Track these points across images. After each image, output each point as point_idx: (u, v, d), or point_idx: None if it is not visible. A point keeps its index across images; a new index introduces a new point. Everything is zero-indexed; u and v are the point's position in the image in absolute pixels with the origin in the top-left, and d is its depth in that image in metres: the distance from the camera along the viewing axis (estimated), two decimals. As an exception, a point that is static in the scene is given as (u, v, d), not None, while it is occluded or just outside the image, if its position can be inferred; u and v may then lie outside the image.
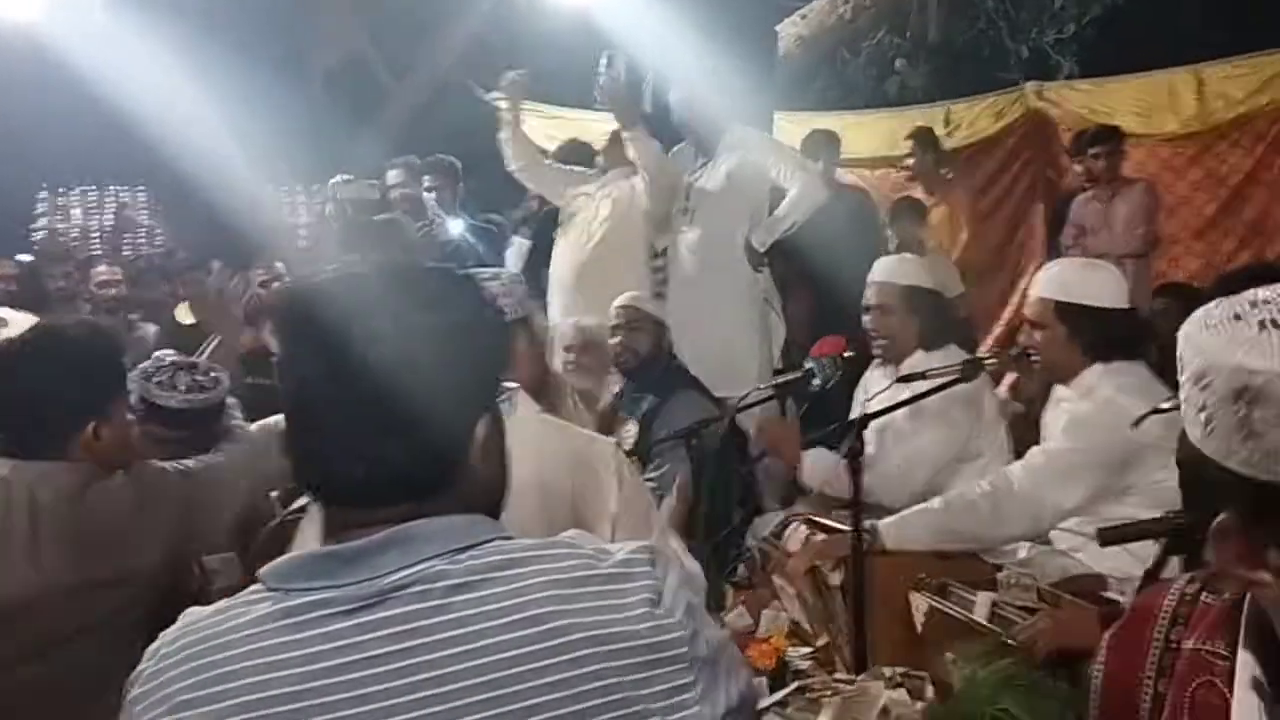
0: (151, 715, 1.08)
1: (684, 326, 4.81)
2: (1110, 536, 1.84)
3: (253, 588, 1.13)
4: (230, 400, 3.01)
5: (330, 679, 1.05)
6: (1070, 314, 2.80)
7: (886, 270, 3.59)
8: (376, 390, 1.10)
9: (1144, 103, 6.55)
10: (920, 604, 2.62)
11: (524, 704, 1.04)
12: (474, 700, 1.04)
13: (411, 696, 1.04)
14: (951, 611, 2.50)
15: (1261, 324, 0.92)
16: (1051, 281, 2.89)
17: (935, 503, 2.80)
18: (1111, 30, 8.36)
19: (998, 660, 1.73)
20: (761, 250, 4.79)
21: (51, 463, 2.21)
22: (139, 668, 1.13)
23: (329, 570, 1.09)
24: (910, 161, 6.40)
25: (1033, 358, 2.88)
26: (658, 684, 1.07)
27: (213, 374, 2.97)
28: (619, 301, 4.28)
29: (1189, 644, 1.09)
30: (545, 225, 5.75)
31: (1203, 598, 1.11)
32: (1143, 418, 2.09)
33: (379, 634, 1.06)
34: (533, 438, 2.29)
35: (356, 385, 1.10)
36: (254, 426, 3.05)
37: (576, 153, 5.86)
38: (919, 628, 2.59)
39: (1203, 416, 0.93)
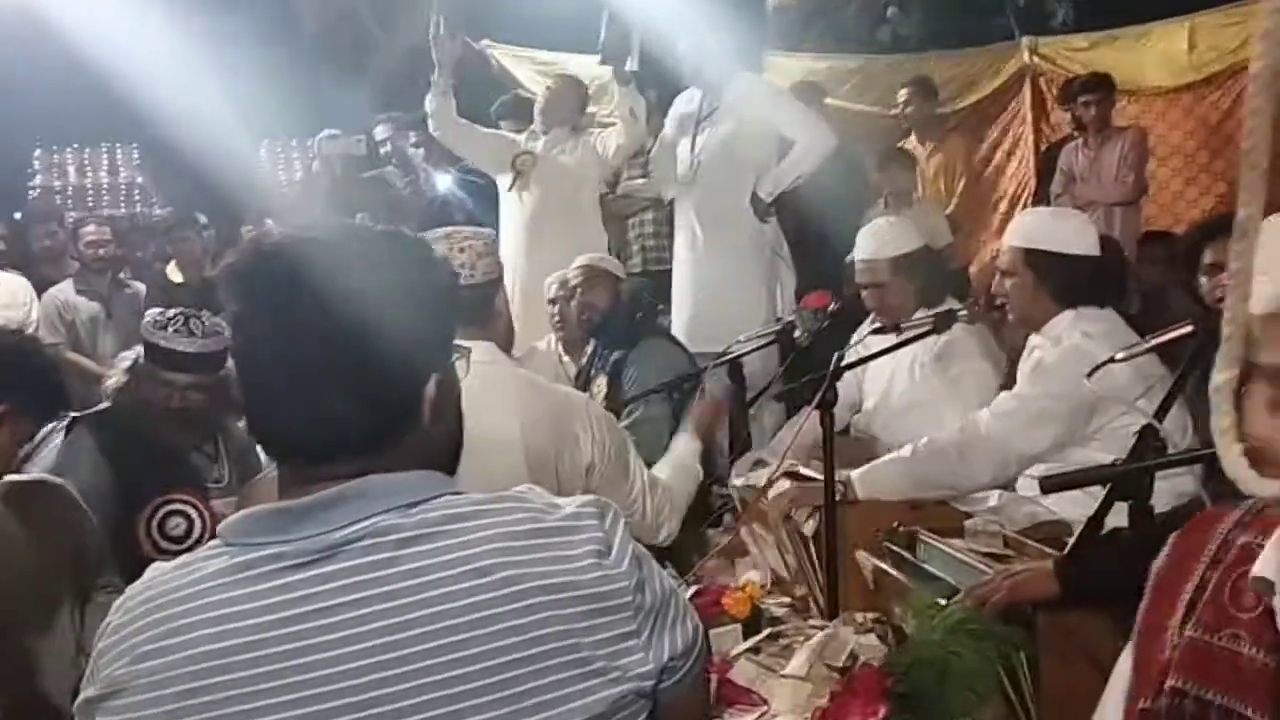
0: (116, 666, 1.11)
1: (687, 275, 4.85)
2: (1051, 485, 1.86)
3: (212, 543, 1.17)
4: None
5: (282, 630, 1.08)
6: (1039, 261, 2.82)
7: (872, 245, 3.55)
8: (323, 350, 1.12)
9: (1138, 60, 6.51)
10: (866, 563, 2.65)
11: (473, 651, 1.07)
12: (424, 648, 1.07)
13: (362, 646, 1.07)
14: (897, 567, 2.52)
15: None
16: (1021, 230, 2.91)
17: (905, 451, 2.82)
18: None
19: (950, 606, 1.76)
20: (768, 200, 4.79)
21: None
22: (106, 620, 1.16)
23: (281, 525, 1.12)
24: (908, 110, 6.35)
25: (1005, 306, 2.89)
26: (603, 631, 1.11)
27: (217, 320, 3.08)
28: (576, 263, 4.28)
29: (1242, 539, 1.13)
30: None
31: (1267, 510, 1.15)
32: (1096, 368, 2.11)
33: (330, 586, 1.09)
34: (511, 393, 2.36)
35: (303, 346, 1.12)
36: None
37: (516, 109, 5.86)
38: (870, 585, 2.62)
39: None
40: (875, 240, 3.56)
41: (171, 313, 3.11)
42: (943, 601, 1.77)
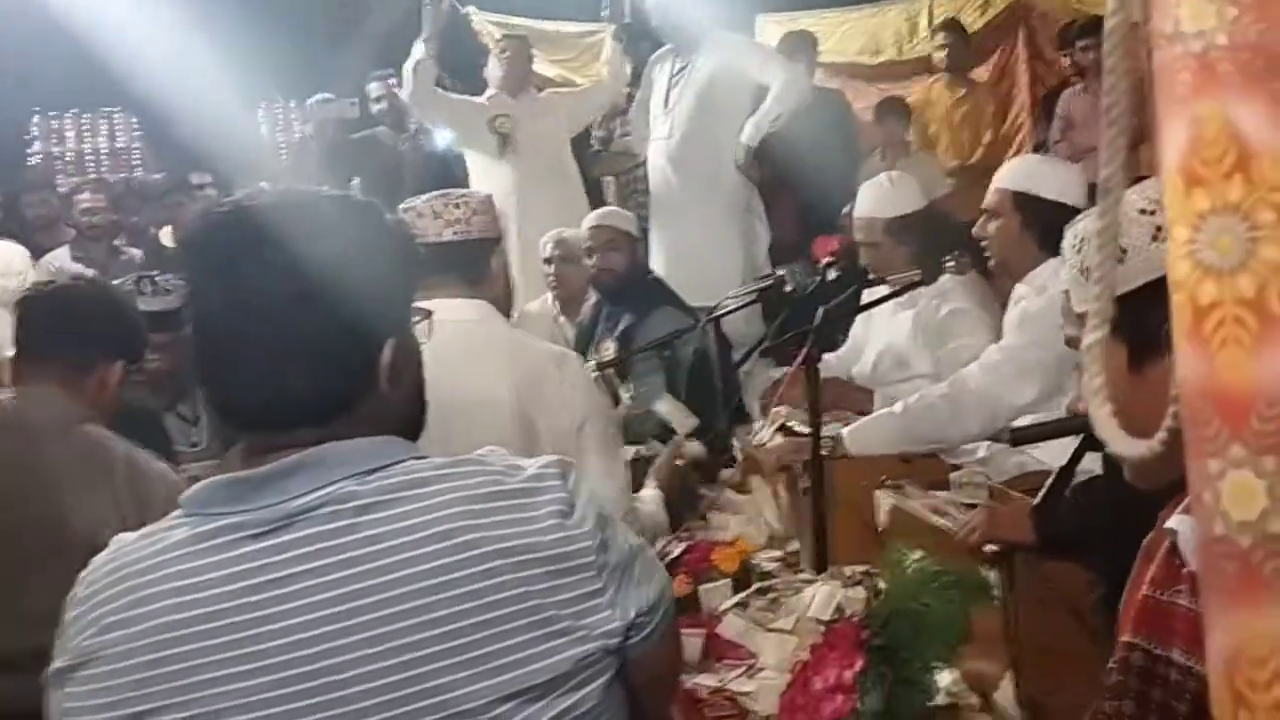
0: (84, 636, 1.13)
1: (664, 233, 4.85)
2: (1021, 437, 1.86)
3: (174, 513, 1.17)
4: None
5: (242, 599, 1.09)
6: (1026, 205, 2.80)
7: (869, 204, 3.52)
8: (273, 318, 1.13)
9: (1135, -2, 6.40)
10: (884, 503, 2.66)
11: (434, 615, 1.08)
12: (382, 614, 1.07)
13: (322, 614, 1.08)
14: (913, 511, 2.54)
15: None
16: (1010, 173, 2.90)
17: (896, 407, 2.83)
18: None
19: (922, 558, 1.77)
20: (753, 146, 4.77)
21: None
22: (72, 592, 1.17)
23: (239, 495, 1.13)
24: (942, 55, 6.24)
25: (986, 251, 2.88)
26: (566, 591, 1.12)
27: (173, 279, 3.11)
28: (591, 220, 4.26)
29: None
30: None
31: None
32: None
33: (288, 555, 1.10)
34: (502, 352, 2.37)
35: (253, 313, 1.13)
36: None
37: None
38: (880, 527, 2.64)
39: None
40: (873, 199, 3.52)
41: (125, 277, 3.20)
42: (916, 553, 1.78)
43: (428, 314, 1.37)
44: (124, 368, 2.46)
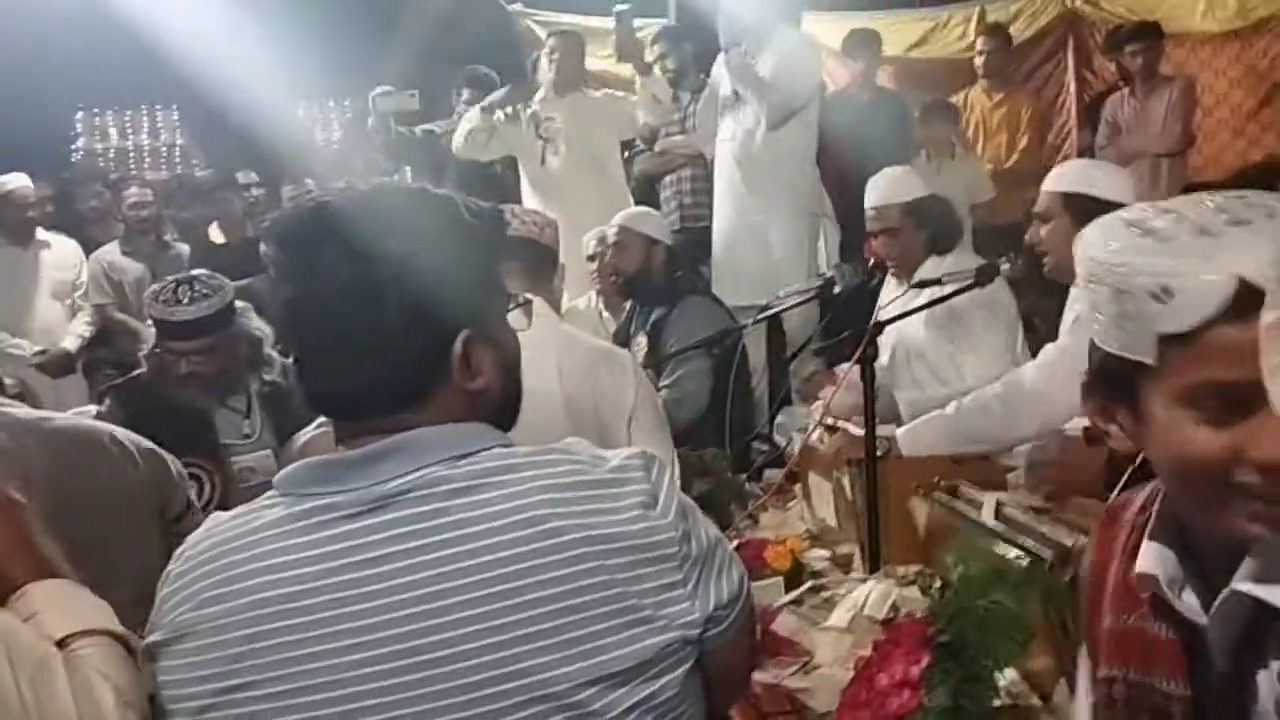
0: (180, 611, 1.15)
1: (728, 230, 4.85)
2: (1095, 435, 1.84)
3: (269, 493, 1.20)
4: (240, 304, 3.12)
5: (335, 578, 1.11)
6: (1079, 206, 2.77)
7: (880, 192, 3.55)
8: (346, 309, 1.16)
9: (1183, 4, 6.37)
10: (920, 510, 2.65)
11: (521, 599, 1.09)
12: (472, 597, 1.09)
13: (412, 594, 1.10)
14: (953, 512, 2.53)
15: (1235, 221, 0.98)
16: (1060, 176, 2.88)
17: (949, 409, 2.81)
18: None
19: (992, 557, 1.77)
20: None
21: None
22: (168, 568, 1.20)
23: (335, 476, 1.15)
24: (982, 59, 6.22)
25: (1042, 254, 2.86)
26: (649, 580, 1.13)
27: (213, 281, 3.09)
28: (614, 221, 4.28)
29: (1143, 522, 1.13)
30: None
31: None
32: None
33: (381, 535, 1.12)
34: (552, 345, 2.45)
35: (330, 304, 1.16)
36: None
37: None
38: (920, 533, 2.63)
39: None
40: (884, 187, 3.56)
41: (166, 281, 3.13)
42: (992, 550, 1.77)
43: (527, 301, 1.39)
44: None
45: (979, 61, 6.25)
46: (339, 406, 1.22)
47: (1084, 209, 2.78)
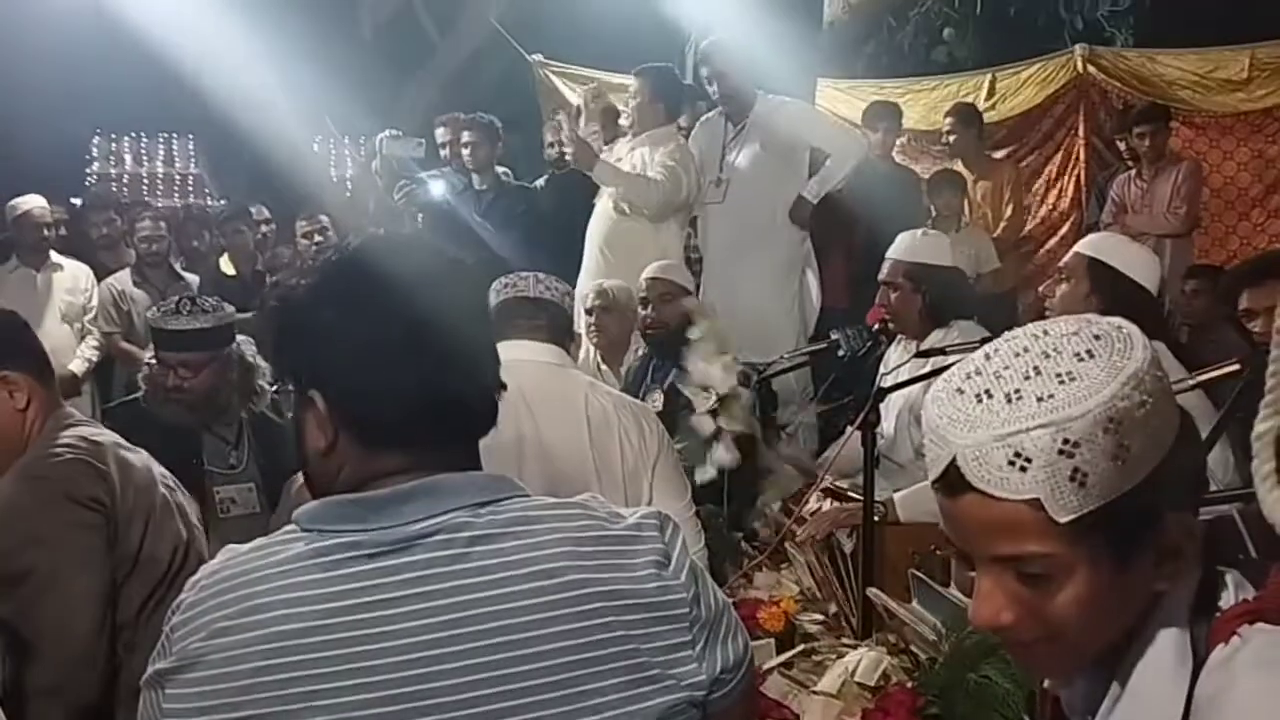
0: (190, 640, 1.15)
1: (718, 293, 4.88)
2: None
3: (287, 528, 1.21)
4: (242, 338, 3.17)
5: (350, 616, 1.12)
6: (1101, 274, 2.81)
7: (896, 247, 3.60)
8: (438, 342, 1.19)
9: (1194, 76, 6.45)
10: (879, 600, 2.64)
11: (535, 650, 1.10)
12: (487, 644, 1.10)
13: (428, 637, 1.11)
14: (903, 616, 2.51)
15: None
16: (1092, 242, 2.91)
17: None
18: (1167, 5, 8.20)
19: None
20: (814, 203, 4.85)
21: None
22: (180, 598, 1.20)
23: (357, 515, 1.16)
24: (951, 139, 6.27)
25: (1048, 314, 2.88)
26: (660, 639, 1.14)
27: (214, 302, 3.17)
28: (648, 273, 4.30)
29: None
30: (560, 183, 5.82)
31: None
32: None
33: (400, 577, 1.13)
34: (579, 395, 2.55)
35: (422, 338, 1.19)
36: None
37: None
38: (885, 618, 2.62)
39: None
40: (902, 243, 3.60)
41: (171, 298, 3.22)
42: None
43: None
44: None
45: (950, 140, 6.28)
46: (414, 437, 1.20)
47: (1103, 277, 2.82)
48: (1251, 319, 3.02)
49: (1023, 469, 0.98)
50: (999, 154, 6.70)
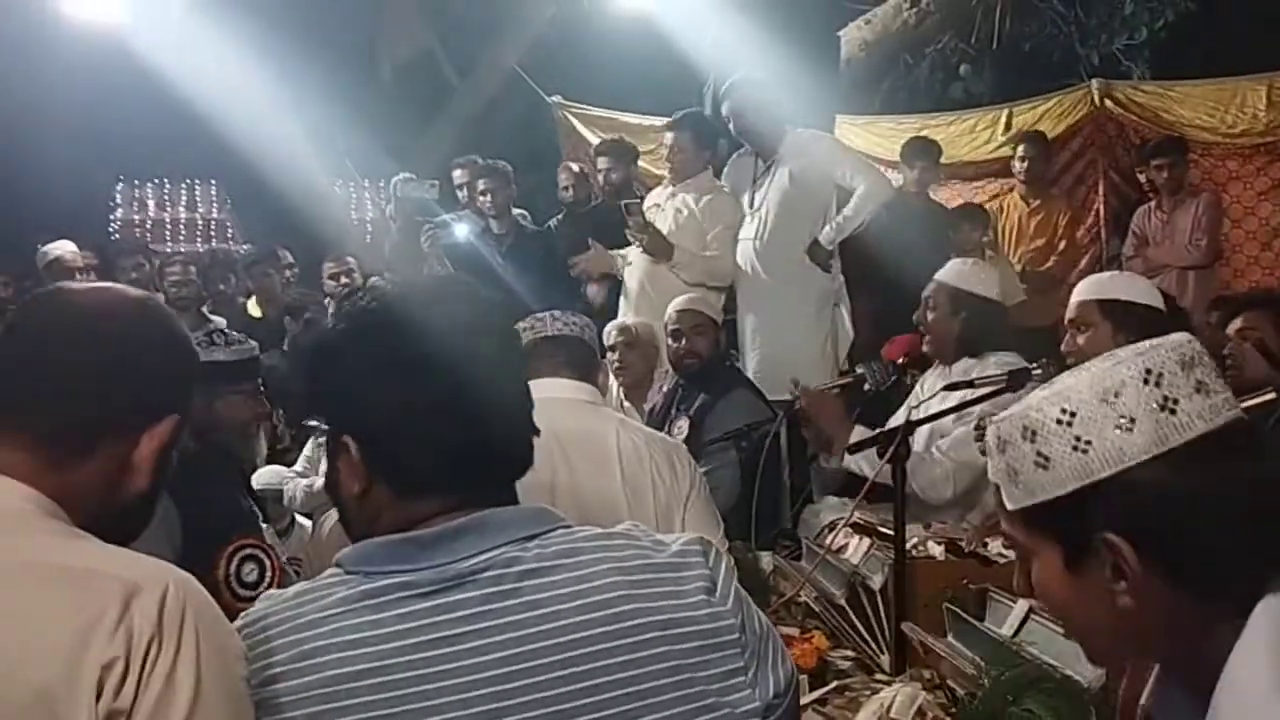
0: None
1: (750, 328, 4.91)
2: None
3: (330, 572, 1.20)
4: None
5: (409, 656, 1.11)
6: (1115, 310, 2.84)
7: (947, 269, 3.64)
8: (489, 386, 1.21)
9: (1212, 108, 6.45)
10: (915, 634, 2.63)
11: (593, 682, 1.11)
12: (546, 679, 1.10)
13: (486, 675, 1.11)
14: (940, 650, 2.49)
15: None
16: (1091, 286, 2.95)
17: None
18: (1183, 37, 8.23)
19: (1023, 664, 1.76)
20: (830, 248, 4.85)
21: None
22: None
23: (407, 555, 1.16)
24: (1025, 165, 6.24)
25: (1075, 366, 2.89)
26: (714, 667, 1.15)
27: (238, 335, 3.18)
28: (677, 305, 4.32)
29: None
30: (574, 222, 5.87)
31: None
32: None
33: (455, 615, 1.13)
34: (616, 440, 2.55)
35: (449, 386, 1.19)
36: None
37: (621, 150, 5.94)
38: (921, 652, 2.61)
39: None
40: (949, 268, 3.64)
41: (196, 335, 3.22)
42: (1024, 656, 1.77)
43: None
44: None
45: (1018, 168, 6.26)
46: (464, 477, 1.21)
47: (1124, 314, 2.84)
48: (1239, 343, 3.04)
49: (992, 456, 1.14)
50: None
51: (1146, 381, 1.05)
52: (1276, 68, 6.38)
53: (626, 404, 4.52)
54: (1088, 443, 1.05)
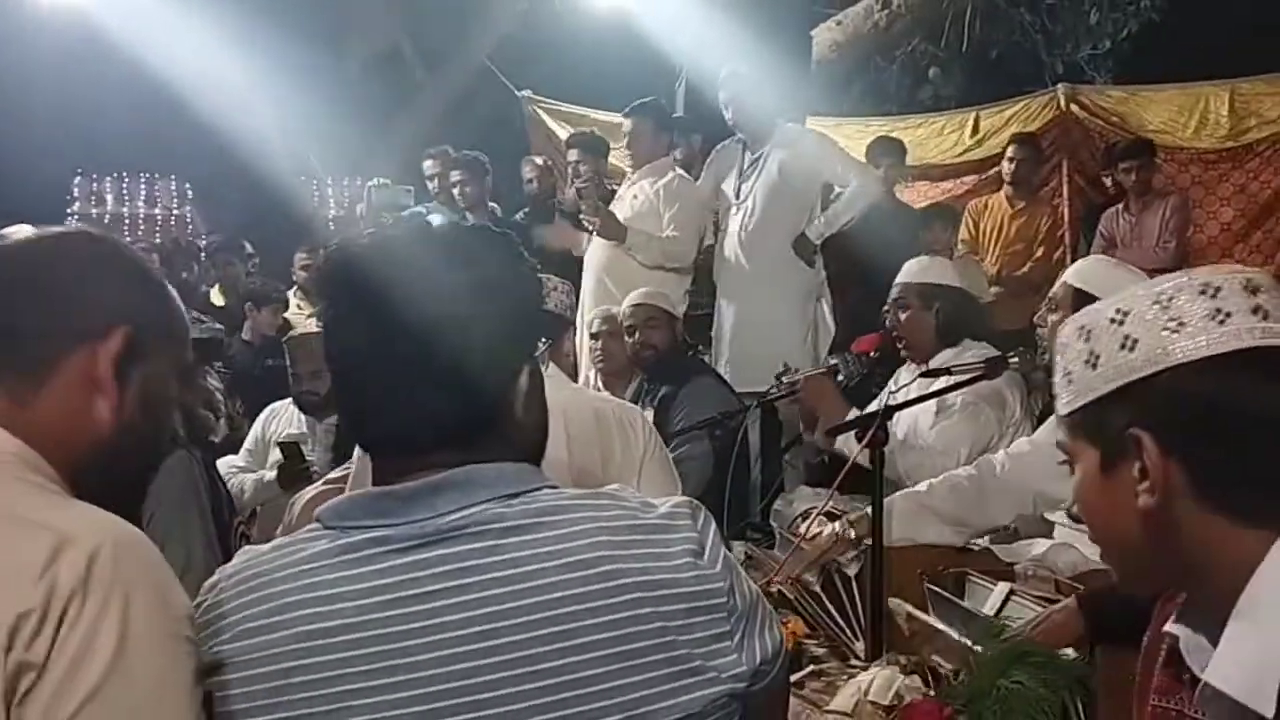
0: (214, 643, 1.11)
1: (729, 320, 4.89)
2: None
3: (309, 527, 1.17)
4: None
5: (384, 613, 1.08)
6: (1082, 302, 2.81)
7: (907, 270, 3.64)
8: (418, 346, 1.13)
9: (1176, 113, 6.53)
10: (900, 609, 2.62)
11: (575, 642, 1.07)
12: (526, 637, 1.07)
13: (464, 632, 1.07)
14: (930, 622, 2.48)
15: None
16: (1079, 271, 2.92)
17: (922, 486, 2.84)
18: (1147, 48, 8.35)
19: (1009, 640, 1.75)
20: (816, 243, 4.86)
21: None
22: (196, 600, 1.15)
23: (386, 509, 1.13)
24: (1013, 166, 6.25)
25: (1041, 341, 2.90)
26: (700, 630, 1.11)
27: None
28: (630, 300, 4.32)
29: None
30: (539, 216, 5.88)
31: None
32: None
33: (435, 571, 1.09)
34: (564, 412, 2.42)
35: (397, 342, 1.13)
36: None
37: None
38: (905, 632, 2.60)
39: None
40: (912, 266, 3.64)
41: None
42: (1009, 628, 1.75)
43: (549, 343, 1.39)
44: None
45: (1007, 169, 6.28)
46: (407, 445, 1.16)
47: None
48: None
49: (1055, 364, 1.15)
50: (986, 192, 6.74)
51: (1204, 292, 1.05)
52: (1238, 75, 6.48)
53: (604, 391, 4.50)
54: (1135, 341, 1.06)
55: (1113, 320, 1.08)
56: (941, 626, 2.20)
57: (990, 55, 8.50)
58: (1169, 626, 1.12)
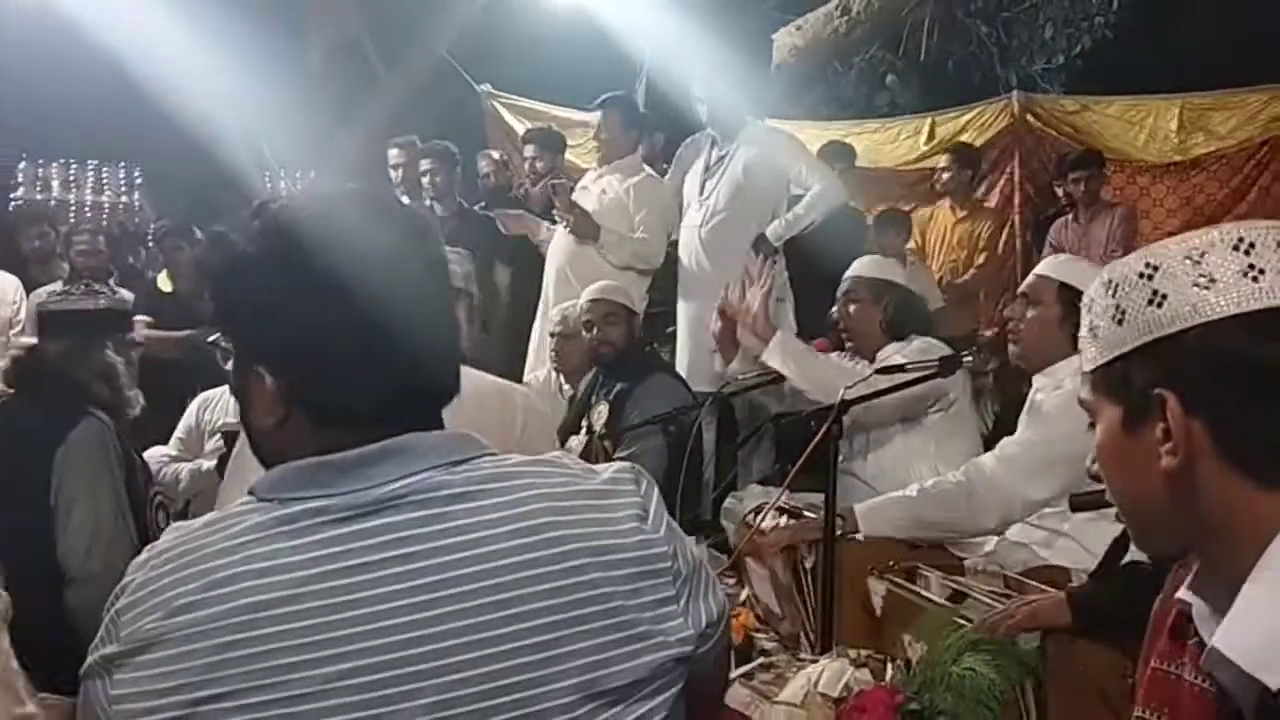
0: (145, 621, 1.07)
1: (688, 316, 4.89)
2: (1080, 503, 1.87)
3: (242, 500, 1.13)
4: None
5: (325, 584, 1.06)
6: (1072, 299, 2.83)
7: (859, 264, 3.69)
8: (369, 313, 1.11)
9: (1126, 126, 6.65)
10: (878, 588, 2.65)
11: (522, 609, 1.06)
12: (472, 604, 1.05)
13: (409, 601, 1.05)
14: (910, 593, 2.53)
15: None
16: (1060, 266, 2.93)
17: (910, 490, 2.83)
18: (1099, 64, 8.48)
19: (961, 629, 1.76)
20: (776, 244, 4.86)
21: None
22: (125, 579, 1.12)
23: (324, 479, 1.10)
24: (945, 177, 6.35)
25: (1012, 337, 2.90)
26: (646, 595, 1.11)
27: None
28: (588, 294, 4.29)
29: None
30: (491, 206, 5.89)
31: None
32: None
33: (376, 540, 1.07)
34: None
35: (373, 309, 1.11)
36: None
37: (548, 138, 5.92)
38: (877, 611, 2.62)
39: None
40: (860, 263, 3.70)
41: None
42: (961, 620, 1.77)
43: None
44: None
45: (942, 178, 6.37)
46: (369, 412, 1.13)
47: (1077, 305, 2.85)
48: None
49: (1083, 320, 1.13)
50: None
51: (1237, 248, 1.02)
52: (1188, 90, 6.61)
53: (565, 387, 4.49)
54: (1164, 297, 1.03)
55: (1141, 275, 1.05)
56: (931, 596, 2.21)
57: (947, 65, 8.59)
58: (1181, 593, 1.11)
